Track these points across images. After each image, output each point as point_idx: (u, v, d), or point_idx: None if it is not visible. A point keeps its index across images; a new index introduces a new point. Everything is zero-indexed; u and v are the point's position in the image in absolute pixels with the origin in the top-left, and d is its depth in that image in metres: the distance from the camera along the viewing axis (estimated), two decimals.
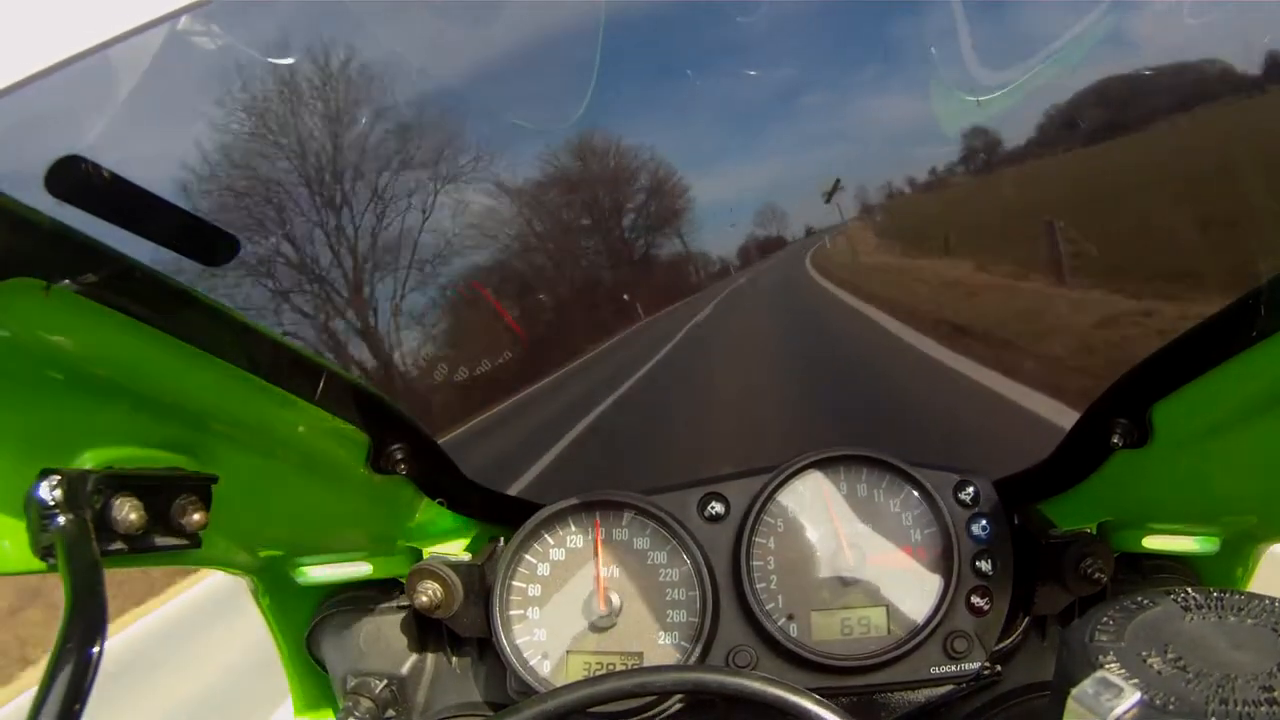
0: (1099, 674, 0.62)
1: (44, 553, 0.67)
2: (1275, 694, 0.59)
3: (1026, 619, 1.15)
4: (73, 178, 0.64)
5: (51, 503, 0.68)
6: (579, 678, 1.04)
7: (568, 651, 1.10)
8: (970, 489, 1.13)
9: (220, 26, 0.72)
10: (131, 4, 0.54)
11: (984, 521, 1.11)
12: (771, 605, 1.10)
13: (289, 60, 0.83)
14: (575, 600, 1.12)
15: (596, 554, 1.13)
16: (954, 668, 1.08)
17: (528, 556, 1.14)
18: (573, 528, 1.15)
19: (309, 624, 1.20)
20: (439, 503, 1.15)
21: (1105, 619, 0.70)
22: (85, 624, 0.60)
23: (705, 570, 1.10)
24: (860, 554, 1.11)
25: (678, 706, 1.08)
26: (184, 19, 0.60)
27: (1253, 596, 0.71)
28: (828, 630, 1.10)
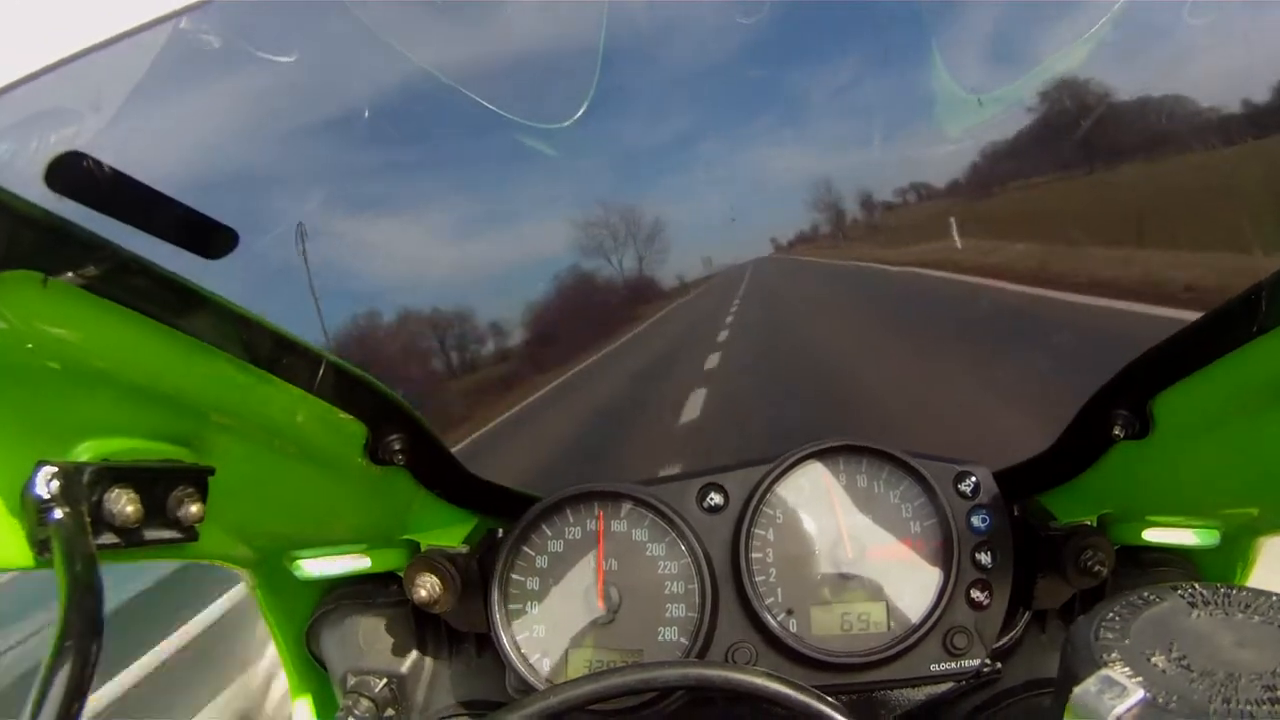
0: (1102, 672, 0.62)
1: (40, 547, 0.67)
2: (1279, 693, 0.58)
3: (1027, 614, 1.15)
4: (73, 173, 0.64)
5: (47, 496, 0.67)
6: (578, 674, 1.04)
7: (567, 648, 1.10)
8: (970, 480, 1.12)
9: (221, 24, 0.72)
10: (133, 1, 0.54)
11: (984, 513, 1.11)
12: (771, 600, 1.10)
13: (289, 58, 0.82)
14: (574, 594, 1.12)
15: (600, 545, 1.13)
16: (954, 664, 1.08)
17: (526, 549, 1.14)
18: (571, 520, 1.14)
19: (308, 620, 1.19)
20: (436, 494, 1.15)
21: (1110, 615, 0.69)
22: (82, 619, 0.60)
23: (704, 563, 1.10)
24: (860, 547, 1.11)
25: (678, 703, 1.08)
26: (185, 17, 0.59)
27: (1259, 593, 0.71)
28: (827, 626, 1.10)
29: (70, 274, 0.65)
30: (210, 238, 0.76)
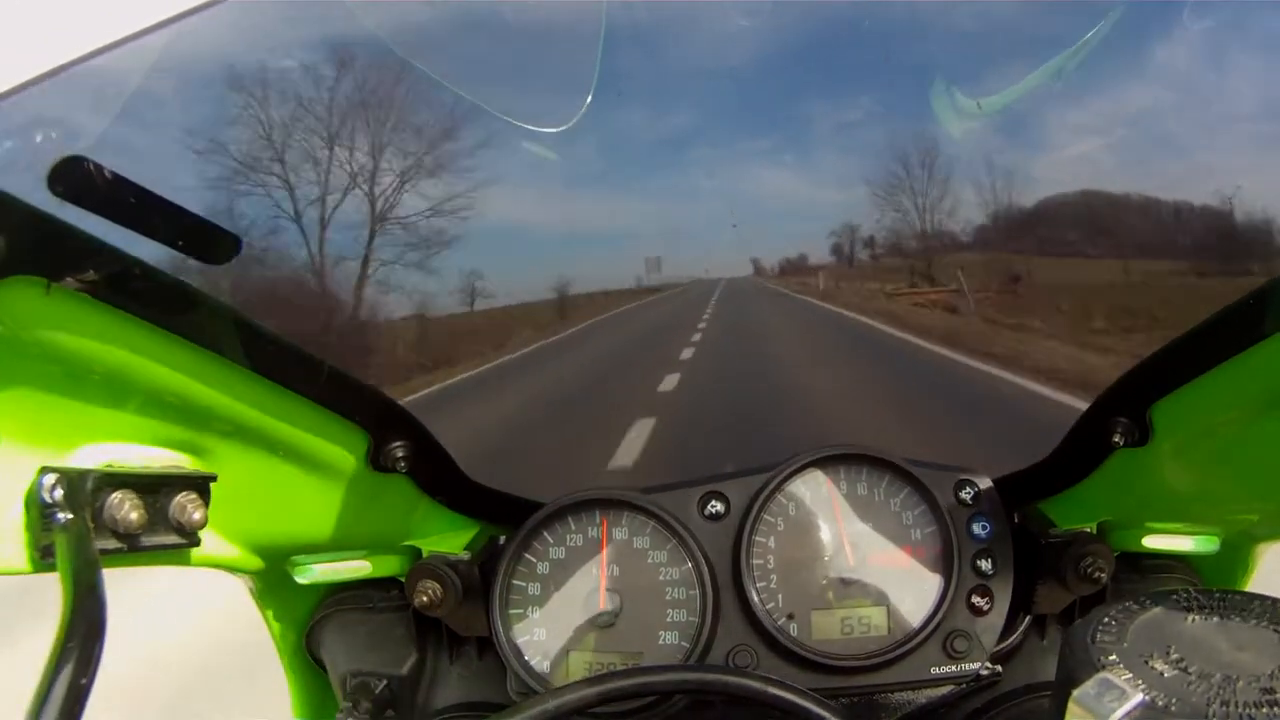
0: (1101, 675, 0.62)
1: (43, 552, 0.68)
2: (1276, 695, 0.59)
3: (1027, 619, 1.15)
4: (75, 177, 0.64)
5: (51, 502, 0.68)
6: (579, 677, 1.04)
7: (568, 651, 1.10)
8: (970, 488, 1.13)
9: (222, 28, 0.72)
10: (135, 6, 0.55)
11: (984, 521, 1.11)
12: (771, 605, 1.10)
13: (290, 62, 0.82)
14: (575, 599, 1.12)
15: (603, 552, 1.13)
16: (954, 668, 1.08)
17: (528, 555, 1.14)
18: (573, 526, 1.14)
19: (308, 623, 1.20)
20: (439, 501, 1.15)
21: (1107, 619, 0.70)
22: (85, 623, 0.60)
23: (705, 569, 1.10)
24: (860, 553, 1.11)
25: (678, 706, 1.08)
26: (187, 21, 0.60)
27: (1254, 597, 0.71)
28: (828, 630, 1.10)
29: (73, 280, 0.66)
30: (213, 243, 0.76)
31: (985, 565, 1.10)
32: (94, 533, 0.70)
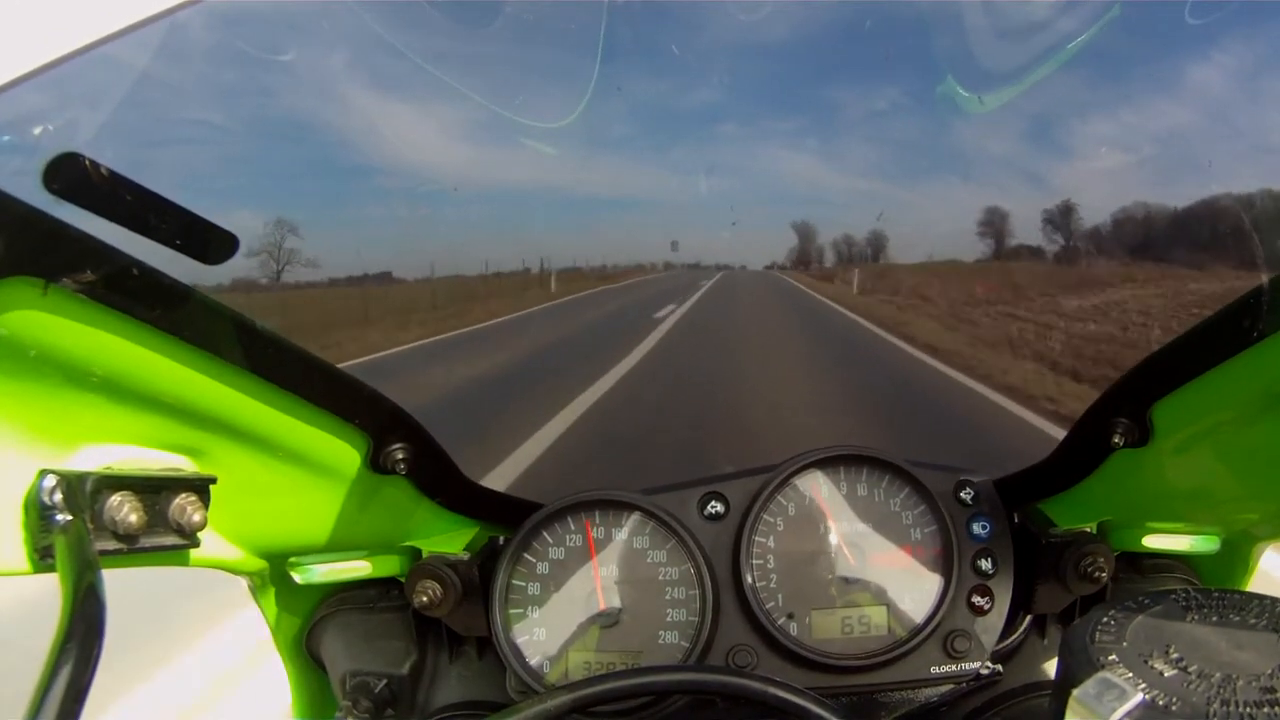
0: (1101, 674, 0.62)
1: (42, 553, 0.67)
2: (1276, 694, 0.59)
3: (1027, 618, 1.15)
4: (71, 175, 0.64)
5: (50, 504, 0.68)
6: (579, 677, 1.04)
7: (567, 650, 1.10)
8: (970, 488, 1.13)
9: (218, 22, 0.72)
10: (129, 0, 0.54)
11: (984, 521, 1.11)
12: (771, 604, 1.10)
13: (286, 56, 0.82)
14: (575, 599, 1.12)
15: (593, 553, 1.13)
16: (954, 667, 1.08)
17: (527, 555, 1.14)
18: (572, 527, 1.14)
19: (308, 623, 1.20)
20: (438, 502, 1.15)
21: (1107, 619, 0.70)
22: (84, 624, 0.60)
23: (705, 569, 1.10)
24: (860, 553, 1.11)
25: (678, 706, 1.08)
26: (182, 14, 0.60)
27: (1253, 596, 0.71)
28: (828, 629, 1.10)
29: (72, 280, 0.66)
30: (210, 243, 0.76)
31: (985, 565, 1.10)
32: (93, 534, 0.70)
